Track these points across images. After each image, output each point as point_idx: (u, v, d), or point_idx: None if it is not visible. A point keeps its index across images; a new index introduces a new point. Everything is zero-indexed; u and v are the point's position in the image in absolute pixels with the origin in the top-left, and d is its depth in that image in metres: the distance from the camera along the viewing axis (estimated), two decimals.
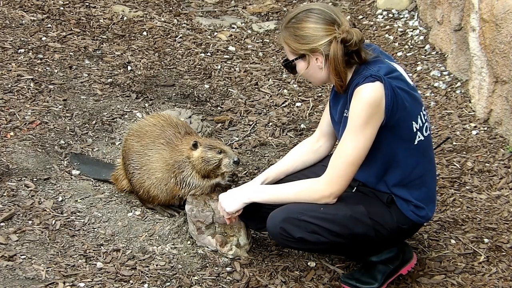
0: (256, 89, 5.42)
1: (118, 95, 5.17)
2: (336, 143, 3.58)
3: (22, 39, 5.63)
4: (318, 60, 3.30)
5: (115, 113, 4.96)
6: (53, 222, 3.95)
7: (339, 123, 3.45)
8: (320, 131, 3.71)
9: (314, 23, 3.26)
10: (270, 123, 5.00)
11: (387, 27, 6.26)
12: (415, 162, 3.38)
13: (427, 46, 5.87)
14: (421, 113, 3.37)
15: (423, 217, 3.46)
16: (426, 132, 3.39)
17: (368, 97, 3.19)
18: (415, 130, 3.33)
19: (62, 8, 6.18)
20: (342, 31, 3.23)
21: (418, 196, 3.42)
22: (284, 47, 3.39)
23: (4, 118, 4.71)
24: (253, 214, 3.61)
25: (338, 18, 3.27)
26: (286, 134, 4.89)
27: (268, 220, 3.43)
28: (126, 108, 5.02)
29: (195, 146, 3.85)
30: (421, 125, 3.36)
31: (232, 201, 3.50)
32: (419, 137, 3.36)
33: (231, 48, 5.95)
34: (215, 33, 6.18)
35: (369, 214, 3.38)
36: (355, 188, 3.48)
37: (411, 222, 3.45)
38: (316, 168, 3.62)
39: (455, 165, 4.55)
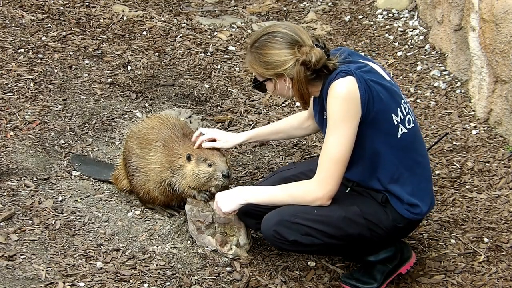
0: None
1: (118, 95, 5.17)
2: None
3: (22, 39, 5.63)
4: (285, 81, 3.36)
5: (115, 113, 4.96)
6: (53, 222, 3.95)
7: (320, 124, 3.50)
8: (310, 113, 3.77)
9: (277, 48, 3.30)
10: (270, 123, 5.00)
11: (387, 26, 6.26)
12: (401, 155, 3.38)
13: (427, 46, 5.87)
14: (401, 105, 3.36)
15: (418, 214, 3.46)
16: (409, 124, 3.39)
17: (342, 92, 3.21)
18: (396, 123, 3.33)
19: (62, 8, 6.18)
20: (302, 53, 3.27)
21: (411, 190, 3.41)
22: (251, 70, 3.46)
23: (4, 118, 4.71)
24: (253, 214, 3.62)
25: (300, 38, 3.31)
26: None
27: (262, 223, 3.45)
28: (126, 108, 5.02)
29: (188, 159, 3.83)
30: (402, 117, 3.35)
31: (228, 201, 3.51)
32: (401, 130, 3.35)
33: (231, 48, 5.95)
34: (215, 33, 6.18)
35: (364, 214, 3.39)
36: (349, 188, 3.48)
37: (406, 220, 3.45)
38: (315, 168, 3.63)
39: (455, 165, 4.55)
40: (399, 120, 3.33)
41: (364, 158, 3.37)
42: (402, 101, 3.39)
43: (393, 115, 3.32)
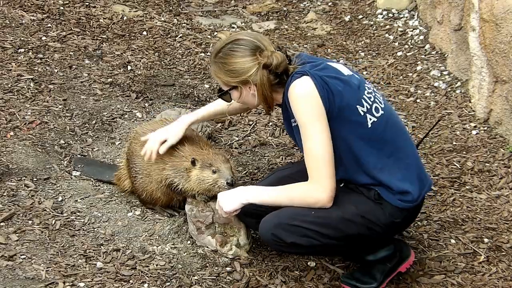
0: None
1: (118, 95, 5.17)
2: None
3: (22, 38, 5.63)
4: (250, 88, 3.42)
5: (115, 113, 4.96)
6: (53, 222, 3.95)
7: (289, 132, 3.54)
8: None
9: (240, 56, 3.37)
10: (270, 123, 5.01)
11: (387, 26, 6.26)
12: (377, 144, 3.38)
13: (427, 46, 5.87)
14: (364, 96, 3.38)
15: (411, 201, 3.44)
16: (377, 112, 3.40)
17: (300, 92, 3.27)
18: (362, 113, 3.35)
19: (62, 8, 6.18)
20: (263, 57, 3.34)
21: (400, 176, 3.41)
22: (216, 80, 3.52)
23: (4, 118, 4.71)
24: (252, 213, 3.62)
25: (262, 44, 3.39)
26: (286, 134, 4.89)
27: (260, 226, 3.46)
28: (126, 108, 5.02)
29: (193, 163, 3.82)
30: (368, 107, 3.37)
31: (230, 201, 3.51)
32: (370, 119, 3.37)
33: None
34: (215, 33, 6.18)
35: (361, 213, 3.39)
36: (343, 183, 3.49)
37: (403, 213, 3.44)
38: None
39: (455, 165, 4.55)
40: (365, 110, 3.36)
41: (343, 156, 3.38)
42: (365, 91, 3.40)
43: (357, 106, 3.34)
